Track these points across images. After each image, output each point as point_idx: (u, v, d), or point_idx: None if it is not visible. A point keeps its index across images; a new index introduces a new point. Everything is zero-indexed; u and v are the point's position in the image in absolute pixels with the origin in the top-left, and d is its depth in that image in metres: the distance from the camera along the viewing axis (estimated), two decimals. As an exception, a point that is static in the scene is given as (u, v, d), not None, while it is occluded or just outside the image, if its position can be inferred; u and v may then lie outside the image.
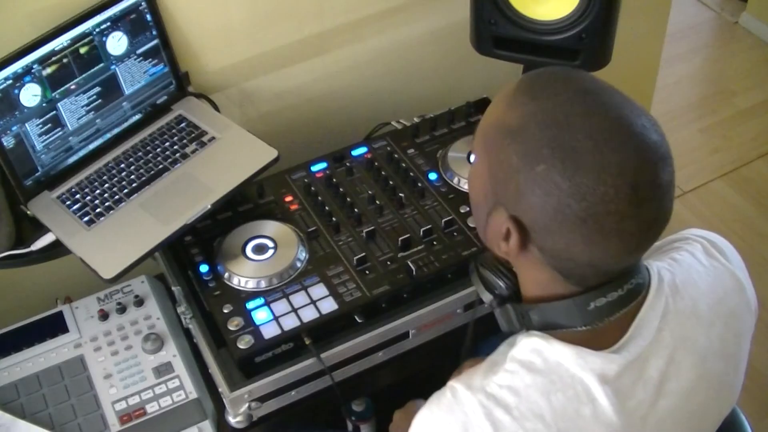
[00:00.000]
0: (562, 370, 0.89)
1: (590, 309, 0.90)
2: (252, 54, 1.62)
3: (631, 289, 0.91)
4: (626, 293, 0.90)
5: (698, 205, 2.73)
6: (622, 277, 0.90)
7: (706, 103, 3.12)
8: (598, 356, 0.89)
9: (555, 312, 0.92)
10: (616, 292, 0.90)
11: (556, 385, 0.89)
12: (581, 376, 0.89)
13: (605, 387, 0.88)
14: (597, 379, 0.88)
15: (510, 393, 0.89)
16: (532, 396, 0.88)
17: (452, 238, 1.36)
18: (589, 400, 0.89)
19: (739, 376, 1.01)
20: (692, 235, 1.05)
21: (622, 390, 0.90)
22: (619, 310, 0.91)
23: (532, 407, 0.88)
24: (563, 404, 0.88)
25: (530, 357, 0.91)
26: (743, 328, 1.01)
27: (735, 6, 3.51)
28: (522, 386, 0.89)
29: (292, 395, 1.27)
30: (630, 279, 0.91)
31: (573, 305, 0.90)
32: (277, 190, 1.46)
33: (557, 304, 0.92)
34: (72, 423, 1.24)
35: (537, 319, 0.95)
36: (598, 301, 0.90)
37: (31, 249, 1.34)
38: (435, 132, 1.58)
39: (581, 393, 0.89)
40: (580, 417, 0.89)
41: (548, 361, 0.90)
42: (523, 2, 1.37)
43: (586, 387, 0.89)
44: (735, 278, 1.01)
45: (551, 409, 0.88)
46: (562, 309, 0.91)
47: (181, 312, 1.30)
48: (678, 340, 0.93)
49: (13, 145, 1.32)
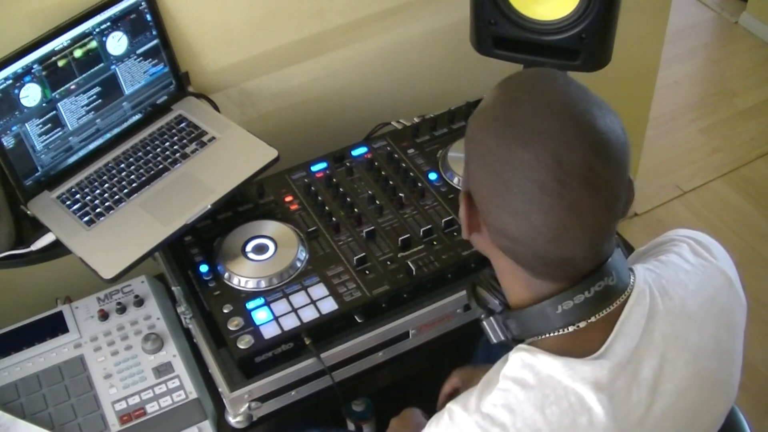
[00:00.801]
0: (554, 382, 0.89)
1: (559, 312, 0.90)
2: (252, 54, 1.62)
3: (600, 291, 0.90)
4: (594, 296, 0.90)
5: (698, 205, 2.72)
6: (589, 280, 0.89)
7: (706, 103, 3.12)
8: (586, 364, 0.89)
9: (529, 318, 0.93)
10: (582, 294, 0.89)
11: (549, 399, 0.89)
12: (573, 387, 0.89)
13: (599, 395, 0.88)
14: (590, 388, 0.88)
15: (505, 411, 0.89)
16: (527, 411, 0.89)
17: (452, 238, 1.36)
18: (584, 410, 0.89)
19: (735, 374, 1.01)
20: (678, 236, 1.05)
21: (616, 395, 0.90)
22: (595, 311, 0.90)
23: (528, 423, 0.88)
24: (559, 417, 0.88)
25: (521, 373, 0.91)
26: (735, 323, 1.01)
27: (735, 6, 3.51)
28: (516, 403, 0.89)
29: (292, 395, 1.27)
30: (598, 281, 0.90)
31: (543, 309, 0.91)
32: (277, 190, 1.47)
33: (530, 309, 0.92)
34: (72, 423, 1.24)
35: (515, 326, 0.96)
36: (566, 305, 0.90)
37: (31, 249, 1.34)
38: (435, 132, 1.58)
39: (575, 404, 0.89)
40: (577, 427, 0.89)
41: (540, 375, 0.90)
42: (523, 2, 1.37)
43: (580, 397, 0.89)
44: (724, 275, 1.00)
45: (547, 423, 0.88)
46: (535, 314, 0.92)
47: (181, 312, 1.30)
48: (669, 340, 0.93)
49: (13, 145, 1.32)
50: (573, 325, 0.91)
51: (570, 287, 0.89)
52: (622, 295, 0.92)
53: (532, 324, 0.93)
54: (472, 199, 0.92)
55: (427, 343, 1.36)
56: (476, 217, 0.93)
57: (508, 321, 0.97)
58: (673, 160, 2.86)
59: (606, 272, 0.90)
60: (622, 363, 0.90)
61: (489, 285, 1.03)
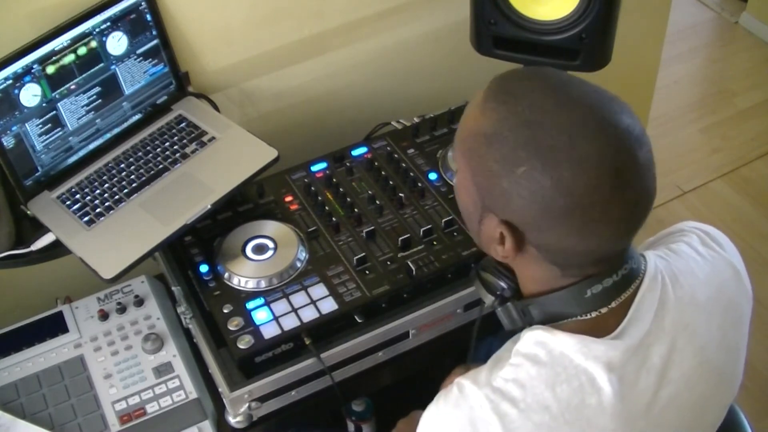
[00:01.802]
0: (567, 360, 0.90)
1: (587, 297, 0.91)
2: (252, 54, 1.62)
3: (626, 274, 0.92)
4: (621, 278, 0.91)
5: (698, 205, 2.73)
6: (617, 262, 0.91)
7: (706, 103, 3.12)
8: (601, 343, 0.90)
9: (554, 303, 0.94)
10: (611, 278, 0.91)
11: (560, 377, 0.89)
12: (585, 365, 0.89)
13: (611, 375, 0.89)
14: (602, 368, 0.89)
15: (516, 386, 0.90)
16: (537, 388, 0.89)
17: (452, 238, 1.36)
18: (595, 390, 0.89)
19: (739, 366, 1.02)
20: (687, 227, 1.06)
21: (627, 377, 0.90)
22: (617, 296, 0.92)
23: (538, 399, 0.89)
24: (569, 395, 0.89)
25: (534, 349, 0.91)
26: (742, 315, 1.01)
27: (735, 6, 3.51)
28: (527, 379, 0.90)
29: (292, 395, 1.27)
30: (624, 264, 0.92)
31: (570, 295, 0.92)
32: (277, 190, 1.47)
33: (555, 295, 0.93)
34: (72, 423, 1.24)
35: (537, 312, 0.96)
36: (595, 288, 0.91)
37: (31, 249, 1.34)
38: (435, 132, 1.58)
39: (586, 383, 0.89)
40: (586, 407, 0.89)
41: (552, 353, 0.91)
42: (523, 2, 1.37)
43: (591, 377, 0.89)
44: (732, 267, 1.01)
45: (557, 401, 0.89)
46: (561, 299, 0.93)
47: (181, 312, 1.30)
48: (679, 328, 0.94)
49: (13, 145, 1.32)
50: (596, 310, 0.92)
51: (599, 273, 0.91)
52: (637, 279, 0.93)
53: (555, 308, 0.94)
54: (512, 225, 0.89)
55: (427, 343, 1.36)
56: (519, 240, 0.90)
57: (529, 307, 0.97)
58: (673, 160, 2.86)
59: (630, 255, 0.93)
60: (634, 346, 0.91)
61: (494, 269, 1.04)
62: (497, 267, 1.04)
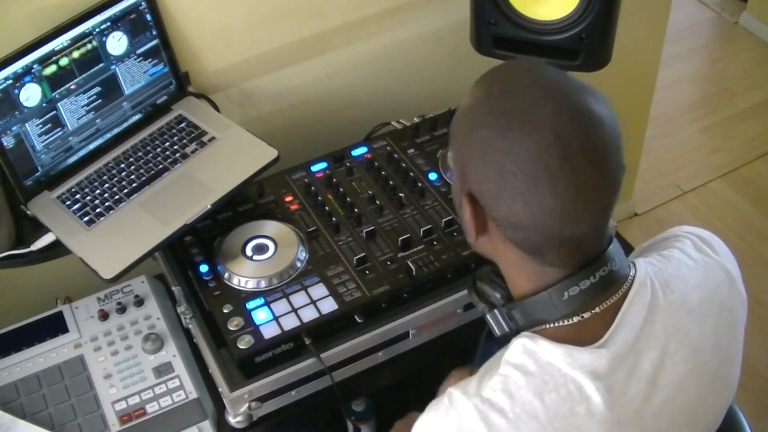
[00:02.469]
0: (554, 369, 0.90)
1: (565, 299, 0.91)
2: (252, 54, 1.62)
3: (605, 276, 0.91)
4: (600, 281, 0.91)
5: (698, 205, 2.73)
6: (594, 264, 0.91)
7: (706, 103, 3.12)
8: (585, 352, 0.90)
9: (534, 307, 0.94)
10: (588, 279, 0.91)
11: (548, 386, 0.89)
12: (572, 374, 0.89)
13: (597, 383, 0.89)
14: (588, 377, 0.89)
15: (505, 396, 0.90)
16: (525, 397, 0.89)
17: (452, 238, 1.36)
18: (583, 399, 0.89)
19: (734, 370, 1.02)
20: (681, 232, 1.06)
21: (615, 385, 0.90)
22: (597, 299, 0.91)
23: (527, 408, 0.89)
24: (557, 404, 0.89)
25: (522, 359, 0.92)
26: (736, 319, 1.01)
27: (735, 6, 3.51)
28: (516, 388, 0.90)
29: (292, 395, 1.27)
30: (602, 266, 0.91)
31: (549, 297, 0.92)
32: (277, 190, 1.47)
33: (535, 298, 0.93)
34: (72, 423, 1.24)
35: (520, 317, 0.97)
36: (572, 290, 0.91)
37: (31, 249, 1.34)
38: (435, 132, 1.58)
39: (574, 392, 0.89)
40: (575, 415, 0.89)
41: (540, 362, 0.91)
42: (523, 2, 1.37)
43: (579, 385, 0.89)
44: (725, 271, 1.01)
45: (545, 410, 0.89)
46: (541, 302, 0.93)
47: (181, 312, 1.30)
48: (670, 333, 0.94)
49: (13, 145, 1.32)
50: (577, 315, 0.92)
51: (576, 273, 0.91)
52: (623, 284, 0.93)
53: (536, 312, 0.94)
54: (475, 199, 0.92)
55: (427, 343, 1.36)
56: (482, 216, 0.93)
57: (513, 311, 0.98)
58: (673, 160, 2.87)
59: (609, 257, 0.92)
60: (623, 354, 0.91)
61: (489, 279, 1.04)
62: (491, 276, 1.04)
